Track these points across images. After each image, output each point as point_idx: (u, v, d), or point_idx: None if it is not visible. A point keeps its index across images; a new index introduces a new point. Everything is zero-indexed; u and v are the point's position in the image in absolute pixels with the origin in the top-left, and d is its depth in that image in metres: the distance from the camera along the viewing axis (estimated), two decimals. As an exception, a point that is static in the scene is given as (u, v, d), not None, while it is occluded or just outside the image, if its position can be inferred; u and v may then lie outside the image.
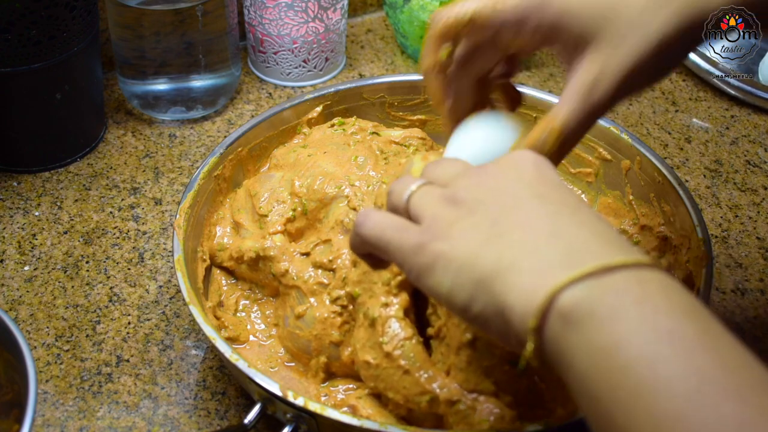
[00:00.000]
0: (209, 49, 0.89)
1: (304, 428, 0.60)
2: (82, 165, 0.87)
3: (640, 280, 0.42)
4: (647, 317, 0.40)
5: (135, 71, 0.90)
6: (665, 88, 1.00)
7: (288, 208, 0.72)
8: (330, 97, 0.82)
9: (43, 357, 0.71)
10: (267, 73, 0.97)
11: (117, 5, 0.85)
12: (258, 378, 0.59)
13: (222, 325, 0.70)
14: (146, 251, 0.80)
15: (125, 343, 0.73)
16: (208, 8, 0.86)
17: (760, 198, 0.88)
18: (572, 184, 0.84)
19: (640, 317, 0.40)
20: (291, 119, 0.80)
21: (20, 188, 0.85)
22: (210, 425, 0.67)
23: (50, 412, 0.68)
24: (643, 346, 0.39)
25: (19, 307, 0.75)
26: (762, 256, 0.82)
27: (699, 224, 0.71)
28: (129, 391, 0.69)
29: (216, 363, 0.71)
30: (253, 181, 0.75)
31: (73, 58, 0.82)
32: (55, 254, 0.79)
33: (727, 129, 0.95)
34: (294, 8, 0.91)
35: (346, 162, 0.72)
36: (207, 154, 0.87)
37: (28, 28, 0.77)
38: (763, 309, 0.77)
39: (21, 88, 0.81)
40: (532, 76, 1.00)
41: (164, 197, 0.84)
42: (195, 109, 0.92)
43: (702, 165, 0.91)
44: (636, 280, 0.42)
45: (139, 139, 0.90)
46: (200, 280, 0.71)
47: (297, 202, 0.71)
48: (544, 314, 0.42)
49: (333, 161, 0.73)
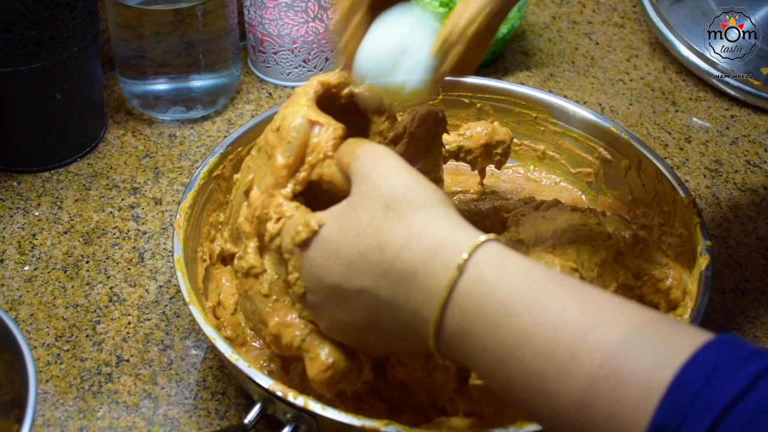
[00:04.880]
0: (209, 49, 0.89)
1: (304, 428, 0.60)
2: (82, 165, 0.87)
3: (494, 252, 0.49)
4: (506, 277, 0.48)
5: (135, 71, 0.90)
6: (665, 88, 1.00)
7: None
8: (330, 97, 0.82)
9: (43, 357, 0.71)
10: (267, 73, 0.97)
11: (117, 5, 0.85)
12: (258, 378, 0.59)
13: (222, 325, 0.70)
14: (146, 251, 0.80)
15: (125, 343, 0.73)
16: (208, 8, 0.86)
17: (760, 198, 0.88)
18: (572, 184, 0.84)
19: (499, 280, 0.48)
20: (291, 119, 0.80)
21: (20, 188, 0.85)
22: (210, 425, 0.67)
23: (50, 412, 0.68)
24: (507, 295, 0.47)
25: (19, 307, 0.75)
26: (762, 256, 0.82)
27: (699, 224, 0.71)
28: (129, 391, 0.69)
29: (216, 363, 0.71)
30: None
31: (73, 58, 0.82)
32: (55, 254, 0.79)
33: (727, 129, 0.95)
34: (294, 8, 0.91)
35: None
36: (207, 154, 0.87)
37: (28, 28, 0.77)
38: (763, 309, 0.77)
39: (21, 88, 0.81)
40: (532, 76, 1.00)
41: (164, 197, 0.84)
42: (195, 109, 0.92)
43: (702, 165, 0.91)
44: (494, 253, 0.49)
45: (139, 139, 0.90)
46: (200, 280, 0.71)
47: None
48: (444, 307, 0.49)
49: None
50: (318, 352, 0.57)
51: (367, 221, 0.51)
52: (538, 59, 1.03)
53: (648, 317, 0.45)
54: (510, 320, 0.47)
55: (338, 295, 0.53)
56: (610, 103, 0.97)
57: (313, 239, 0.54)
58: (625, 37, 1.06)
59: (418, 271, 0.49)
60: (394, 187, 0.52)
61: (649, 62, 1.03)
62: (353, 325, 0.54)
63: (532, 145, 0.85)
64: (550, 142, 0.84)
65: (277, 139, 0.59)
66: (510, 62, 1.02)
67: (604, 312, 0.46)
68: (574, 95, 0.98)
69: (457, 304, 0.48)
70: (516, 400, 0.48)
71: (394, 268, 0.50)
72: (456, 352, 0.50)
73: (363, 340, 0.55)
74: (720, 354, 0.42)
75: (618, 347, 0.44)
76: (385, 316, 0.52)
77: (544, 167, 0.85)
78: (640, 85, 1.00)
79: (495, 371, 0.48)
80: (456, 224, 0.51)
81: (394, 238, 0.50)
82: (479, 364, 0.48)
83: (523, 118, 0.84)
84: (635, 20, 1.09)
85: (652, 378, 0.42)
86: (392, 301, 0.51)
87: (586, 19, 1.09)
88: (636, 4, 1.11)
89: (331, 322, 0.55)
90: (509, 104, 0.83)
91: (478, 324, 0.47)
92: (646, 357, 0.43)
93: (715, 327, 0.76)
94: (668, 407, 0.41)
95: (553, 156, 0.84)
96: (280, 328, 0.58)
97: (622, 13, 1.10)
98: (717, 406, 0.40)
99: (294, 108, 0.59)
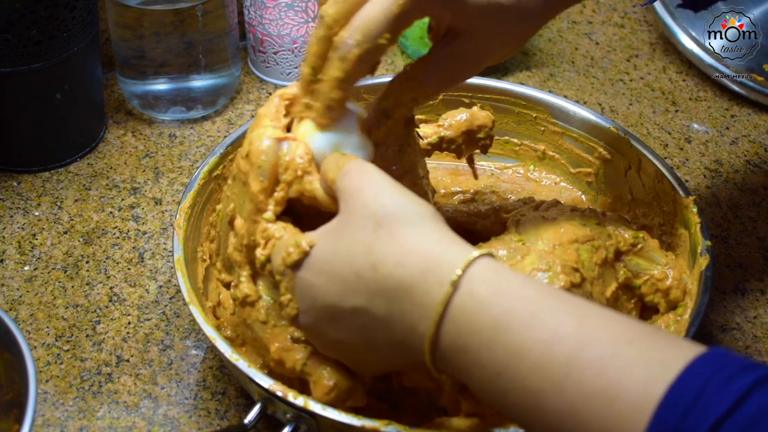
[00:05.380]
0: (209, 49, 0.89)
1: (304, 428, 0.60)
2: (82, 165, 0.87)
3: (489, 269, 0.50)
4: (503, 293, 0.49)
5: (135, 71, 0.90)
6: (665, 88, 1.00)
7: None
8: (330, 97, 0.82)
9: (43, 357, 0.71)
10: (267, 73, 0.97)
11: (117, 5, 0.85)
12: (258, 378, 0.59)
13: (222, 325, 0.70)
14: (146, 251, 0.80)
15: (125, 343, 0.73)
16: (208, 8, 0.86)
17: (760, 198, 0.88)
18: (572, 184, 0.84)
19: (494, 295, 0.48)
20: (291, 119, 0.80)
21: (20, 188, 0.85)
22: (210, 425, 0.67)
23: (50, 412, 0.68)
24: (501, 312, 0.48)
25: (19, 307, 0.75)
26: (762, 256, 0.82)
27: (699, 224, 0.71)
28: (129, 391, 0.69)
29: (216, 363, 0.71)
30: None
31: (73, 58, 0.82)
32: (55, 254, 0.79)
33: (727, 129, 0.95)
34: (294, 8, 0.91)
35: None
36: (207, 154, 0.87)
37: (28, 28, 0.77)
38: (763, 309, 0.77)
39: (21, 88, 0.81)
40: (532, 76, 1.00)
41: (164, 197, 0.84)
42: (195, 109, 0.92)
43: (702, 165, 0.91)
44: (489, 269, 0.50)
45: (139, 139, 0.90)
46: (200, 280, 0.71)
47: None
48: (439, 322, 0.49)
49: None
50: (320, 373, 0.57)
51: (359, 240, 0.51)
52: (538, 59, 1.03)
53: (640, 331, 0.46)
54: (504, 336, 0.47)
55: (332, 315, 0.53)
56: (610, 103, 0.97)
57: (304, 260, 0.54)
58: (625, 37, 1.06)
59: (413, 288, 0.49)
60: (385, 205, 0.52)
61: (649, 62, 1.03)
62: (348, 343, 0.54)
63: (532, 145, 0.85)
64: (550, 142, 0.84)
65: (248, 165, 0.58)
66: (510, 62, 1.02)
67: (598, 327, 0.46)
68: (574, 95, 0.98)
69: (452, 320, 0.48)
70: (512, 415, 0.48)
71: (388, 285, 0.50)
72: (452, 368, 0.50)
73: (359, 359, 0.56)
74: (711, 368, 0.43)
75: (611, 363, 0.44)
76: (381, 333, 0.52)
77: (544, 167, 0.85)
78: (640, 85, 1.00)
79: (491, 387, 0.48)
80: (449, 240, 0.51)
81: (387, 255, 0.50)
82: (475, 379, 0.49)
83: (523, 118, 0.84)
84: (635, 20, 1.09)
85: (645, 394, 0.43)
86: (388, 318, 0.51)
87: (586, 19, 1.09)
88: (636, 4, 1.11)
89: (326, 342, 0.55)
90: (509, 104, 0.83)
91: (472, 340, 0.48)
92: (638, 373, 0.44)
93: (715, 327, 0.76)
94: (661, 422, 0.42)
95: (553, 156, 0.84)
96: (282, 353, 0.58)
97: (622, 13, 1.10)
98: (709, 420, 0.41)
99: (259, 131, 0.59)
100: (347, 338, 0.53)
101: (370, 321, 0.52)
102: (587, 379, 0.44)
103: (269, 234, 0.57)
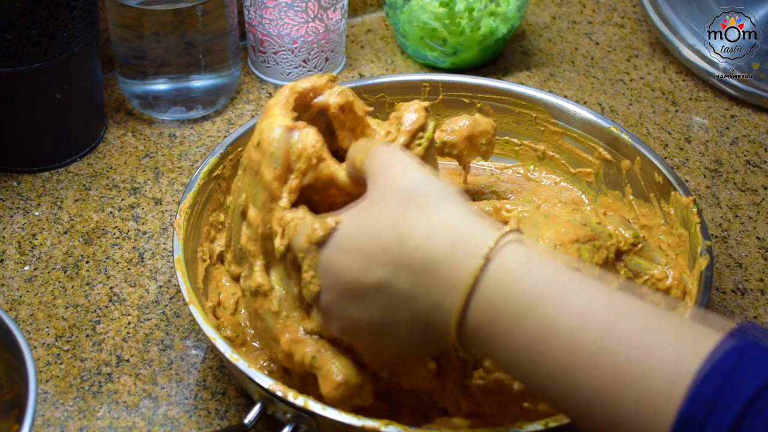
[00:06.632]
0: (209, 49, 0.89)
1: (304, 428, 0.60)
2: (82, 165, 0.87)
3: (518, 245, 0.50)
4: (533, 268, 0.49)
5: (135, 71, 0.90)
6: (665, 88, 1.00)
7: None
8: (330, 97, 0.82)
9: (43, 357, 0.71)
10: (267, 73, 0.97)
11: (117, 5, 0.85)
12: (258, 378, 0.59)
13: (222, 325, 0.70)
14: (146, 251, 0.80)
15: (125, 343, 0.73)
16: (208, 8, 0.86)
17: (760, 198, 0.88)
18: (572, 184, 0.84)
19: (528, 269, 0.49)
20: (291, 119, 0.80)
21: (20, 188, 0.85)
22: (210, 425, 0.67)
23: (50, 412, 0.68)
24: (532, 287, 0.47)
25: (19, 307, 0.75)
26: (762, 256, 0.82)
27: (699, 224, 0.71)
28: (129, 391, 0.69)
29: (216, 363, 0.71)
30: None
31: (73, 58, 0.82)
32: (55, 254, 0.79)
33: (727, 129, 0.95)
34: (294, 8, 0.91)
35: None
36: (207, 154, 0.87)
37: (28, 28, 0.77)
38: (763, 309, 0.77)
39: (21, 88, 0.81)
40: (532, 76, 1.00)
41: (164, 197, 0.84)
42: (195, 109, 0.92)
43: (702, 165, 0.91)
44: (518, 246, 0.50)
45: (139, 139, 0.90)
46: (200, 280, 0.71)
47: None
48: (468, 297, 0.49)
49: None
50: (329, 368, 0.57)
51: (386, 215, 0.51)
52: (538, 59, 1.03)
53: (668, 308, 0.46)
54: (537, 310, 0.47)
55: (355, 291, 0.52)
56: (610, 103, 0.97)
57: (329, 238, 0.53)
58: (625, 37, 1.06)
59: (440, 261, 0.49)
60: (414, 180, 0.52)
61: (649, 62, 1.03)
62: (368, 322, 0.53)
63: (532, 145, 0.85)
64: (550, 142, 0.84)
65: (260, 154, 0.59)
66: (510, 62, 1.02)
67: (629, 302, 0.46)
68: (574, 95, 0.98)
69: (483, 293, 0.48)
70: (541, 390, 0.48)
71: (415, 258, 0.50)
72: (478, 344, 0.49)
73: (376, 344, 0.55)
74: (744, 342, 0.43)
75: (643, 337, 0.44)
76: (404, 310, 0.51)
77: (544, 167, 0.85)
78: (640, 85, 1.00)
79: (520, 361, 0.47)
80: (477, 215, 0.51)
81: (415, 229, 0.50)
82: (503, 354, 0.48)
83: (523, 118, 0.84)
84: (635, 20, 1.09)
85: (678, 367, 0.43)
86: (412, 292, 0.50)
87: (586, 19, 1.09)
88: (636, 4, 1.11)
89: (344, 322, 0.55)
90: (509, 104, 0.83)
91: (504, 313, 0.47)
92: (671, 346, 0.43)
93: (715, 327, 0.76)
94: (696, 397, 0.42)
95: (553, 156, 0.84)
96: (292, 345, 0.58)
97: (622, 13, 1.10)
98: (744, 395, 0.41)
99: (270, 120, 0.59)
100: (368, 316, 0.53)
101: (393, 296, 0.51)
102: (620, 351, 0.44)
103: (286, 221, 0.57)
